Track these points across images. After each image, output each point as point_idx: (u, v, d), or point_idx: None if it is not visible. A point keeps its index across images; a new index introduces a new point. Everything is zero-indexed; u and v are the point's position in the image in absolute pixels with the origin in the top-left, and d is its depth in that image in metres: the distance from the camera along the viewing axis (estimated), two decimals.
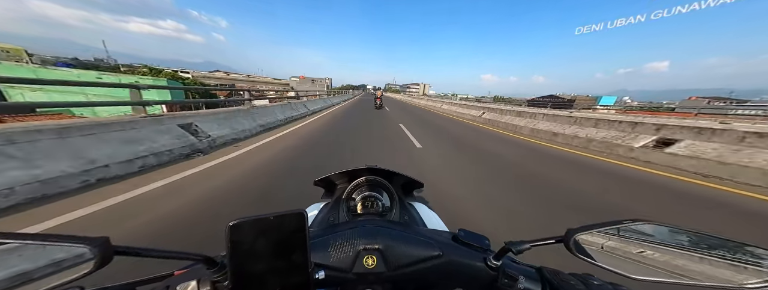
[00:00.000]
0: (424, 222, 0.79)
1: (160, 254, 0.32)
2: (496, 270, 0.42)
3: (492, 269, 0.42)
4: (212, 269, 0.35)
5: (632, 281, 0.36)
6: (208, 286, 0.35)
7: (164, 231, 1.95)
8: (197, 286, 0.35)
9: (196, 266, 0.39)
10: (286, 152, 4.65)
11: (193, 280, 0.36)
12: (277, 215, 0.32)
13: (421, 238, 0.46)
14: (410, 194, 1.01)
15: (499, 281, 0.41)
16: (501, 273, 0.41)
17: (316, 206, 0.86)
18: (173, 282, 0.37)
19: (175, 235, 1.91)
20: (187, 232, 1.95)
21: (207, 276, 0.35)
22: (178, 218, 2.14)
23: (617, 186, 3.65)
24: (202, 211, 2.28)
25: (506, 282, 0.41)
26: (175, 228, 1.99)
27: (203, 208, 2.34)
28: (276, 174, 3.38)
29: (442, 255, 0.43)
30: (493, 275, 0.42)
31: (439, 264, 0.42)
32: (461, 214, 2.48)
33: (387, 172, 0.87)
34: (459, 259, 0.43)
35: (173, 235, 1.91)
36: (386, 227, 0.48)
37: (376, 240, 0.43)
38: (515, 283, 0.40)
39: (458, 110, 16.84)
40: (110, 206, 2.25)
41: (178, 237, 1.90)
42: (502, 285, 0.41)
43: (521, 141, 7.71)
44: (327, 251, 0.42)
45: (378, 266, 0.41)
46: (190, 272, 0.39)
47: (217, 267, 0.35)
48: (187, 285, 0.35)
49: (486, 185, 3.44)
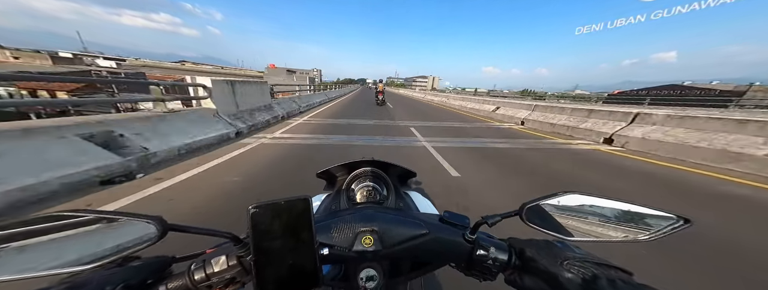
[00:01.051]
0: (418, 207, 0.87)
1: (200, 231, 0.37)
2: (472, 242, 0.48)
3: (469, 242, 0.48)
4: (237, 245, 0.41)
5: (569, 242, 0.46)
6: (235, 260, 0.41)
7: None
8: (226, 260, 0.41)
9: (224, 245, 0.44)
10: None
11: (223, 255, 0.41)
12: (287, 200, 0.37)
13: (411, 220, 0.51)
14: (405, 184, 1.10)
15: (474, 253, 0.47)
16: (476, 246, 0.47)
17: (319, 197, 0.91)
18: (207, 257, 0.42)
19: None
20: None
21: (233, 252, 0.41)
22: None
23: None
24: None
25: (480, 254, 0.47)
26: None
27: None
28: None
29: (429, 233, 0.48)
30: (469, 248, 0.48)
31: (427, 242, 0.48)
32: None
33: (384, 164, 0.94)
34: (443, 236, 0.49)
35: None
36: (381, 211, 0.53)
37: (372, 223, 0.48)
38: (488, 253, 0.47)
39: (495, 110, 12.04)
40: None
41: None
42: (476, 256, 0.47)
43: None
44: (330, 233, 0.47)
45: (374, 245, 0.46)
46: (219, 250, 0.44)
47: (241, 243, 0.41)
48: (219, 259, 0.41)
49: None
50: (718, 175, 4.24)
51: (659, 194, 3.45)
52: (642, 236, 0.45)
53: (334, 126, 7.26)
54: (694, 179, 4.05)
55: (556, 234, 0.46)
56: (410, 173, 1.03)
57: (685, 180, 4.01)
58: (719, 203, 3.16)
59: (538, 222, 0.47)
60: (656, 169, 4.55)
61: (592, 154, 5.53)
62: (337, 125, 7.41)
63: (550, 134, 7.80)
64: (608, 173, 4.24)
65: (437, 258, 0.53)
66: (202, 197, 2.59)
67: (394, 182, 0.90)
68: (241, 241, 0.41)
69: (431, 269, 0.58)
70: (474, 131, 7.72)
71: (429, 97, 27.72)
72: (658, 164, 4.82)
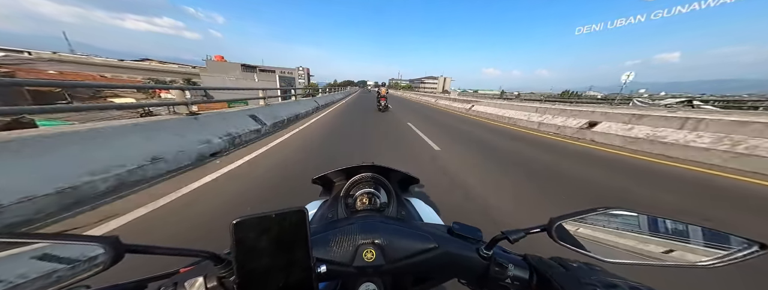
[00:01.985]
0: (421, 216, 0.81)
1: (168, 251, 0.32)
2: (487, 259, 0.44)
3: (484, 258, 0.44)
4: (218, 265, 0.36)
5: (606, 263, 0.40)
6: (215, 282, 0.36)
7: None
8: (204, 282, 0.36)
9: (202, 263, 0.40)
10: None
11: (200, 276, 0.36)
12: (279, 212, 0.33)
13: (417, 232, 0.47)
14: (407, 190, 1.03)
15: (490, 270, 0.43)
16: (492, 262, 0.44)
17: (315, 203, 0.87)
18: (180, 278, 0.37)
19: None
20: None
21: (213, 272, 0.36)
22: None
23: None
24: None
25: (497, 270, 0.43)
26: None
27: None
28: None
29: (438, 247, 0.44)
30: (485, 264, 0.44)
31: (435, 256, 0.44)
32: None
33: (384, 169, 0.89)
34: (454, 251, 0.45)
35: None
36: (384, 222, 0.49)
37: (375, 235, 0.44)
38: (505, 271, 0.42)
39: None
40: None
41: None
42: (493, 273, 0.43)
43: None
44: (328, 246, 0.43)
45: (377, 259, 0.42)
46: (196, 269, 0.39)
47: (223, 263, 0.36)
48: (194, 281, 0.36)
49: None
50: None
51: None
52: (702, 261, 0.38)
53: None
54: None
55: (591, 253, 0.41)
56: (412, 179, 0.97)
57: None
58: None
59: (569, 240, 0.42)
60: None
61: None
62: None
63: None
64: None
65: (446, 274, 0.49)
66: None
67: (395, 189, 0.86)
68: (223, 259, 0.36)
69: (436, 283, 0.54)
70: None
71: (456, 104, 17.99)
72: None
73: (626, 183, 3.62)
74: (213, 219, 2.22)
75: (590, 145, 6.43)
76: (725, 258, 0.37)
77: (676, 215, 0.49)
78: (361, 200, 0.74)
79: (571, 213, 0.42)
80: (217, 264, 0.36)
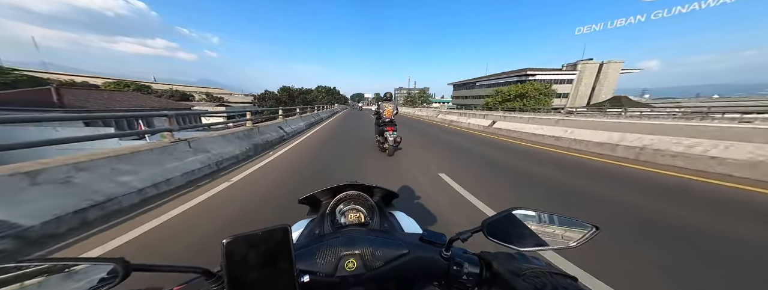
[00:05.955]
0: (402, 228, 0.86)
1: (167, 268, 0.35)
2: (448, 259, 0.50)
3: (445, 259, 0.50)
4: (210, 280, 0.39)
5: (521, 251, 0.50)
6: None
7: None
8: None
9: (195, 280, 0.42)
10: None
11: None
12: (265, 230, 0.37)
13: (391, 240, 0.52)
14: (390, 204, 1.08)
15: (450, 269, 0.49)
16: (452, 262, 0.49)
17: (302, 222, 0.88)
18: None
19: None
20: None
21: (205, 287, 0.39)
22: None
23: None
24: None
25: (455, 269, 0.49)
26: None
27: None
28: None
29: (409, 252, 0.49)
30: (446, 264, 0.50)
31: (408, 261, 0.49)
32: None
33: (366, 186, 0.94)
34: (422, 255, 0.50)
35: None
36: (363, 234, 0.55)
37: (355, 246, 0.48)
38: (462, 269, 0.49)
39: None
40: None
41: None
42: (453, 272, 0.49)
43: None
44: (313, 259, 0.47)
45: (358, 268, 0.46)
46: (188, 286, 0.42)
47: (215, 278, 0.39)
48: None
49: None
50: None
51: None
52: (572, 243, 0.51)
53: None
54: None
55: (513, 246, 0.50)
56: (393, 195, 1.03)
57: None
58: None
59: (499, 236, 0.50)
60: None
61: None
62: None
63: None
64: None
65: (419, 277, 0.54)
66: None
67: (378, 204, 0.91)
68: (214, 275, 0.39)
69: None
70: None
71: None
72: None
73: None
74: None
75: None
76: (581, 239, 0.49)
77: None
78: (347, 216, 0.79)
79: (494, 215, 0.51)
80: (209, 278, 0.39)
